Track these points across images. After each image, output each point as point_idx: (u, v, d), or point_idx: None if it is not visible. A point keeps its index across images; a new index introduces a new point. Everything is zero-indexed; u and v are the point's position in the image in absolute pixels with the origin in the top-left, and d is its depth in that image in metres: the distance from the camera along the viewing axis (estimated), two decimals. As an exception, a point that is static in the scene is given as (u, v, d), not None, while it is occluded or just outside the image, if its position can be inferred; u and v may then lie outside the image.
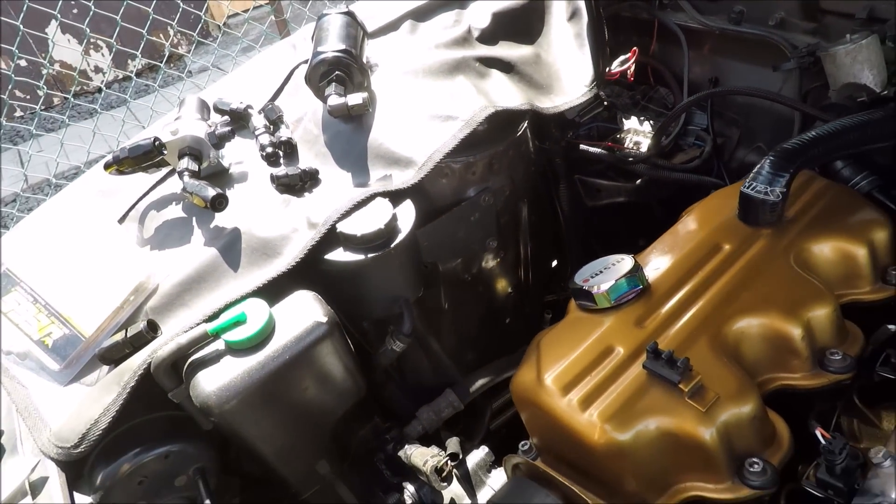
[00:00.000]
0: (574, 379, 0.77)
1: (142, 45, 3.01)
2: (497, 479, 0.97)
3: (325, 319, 0.86)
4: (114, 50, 2.80)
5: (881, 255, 0.88)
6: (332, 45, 1.06)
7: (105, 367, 0.94)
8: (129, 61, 4.59)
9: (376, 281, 0.98)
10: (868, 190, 1.04)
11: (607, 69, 1.52)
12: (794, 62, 1.24)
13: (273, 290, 0.93)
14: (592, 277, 0.88)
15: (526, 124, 1.19)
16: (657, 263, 0.92)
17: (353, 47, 1.08)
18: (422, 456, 0.91)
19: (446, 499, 0.96)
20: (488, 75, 1.23)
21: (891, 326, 0.79)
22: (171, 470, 0.88)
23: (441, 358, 1.20)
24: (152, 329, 0.92)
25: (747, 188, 0.90)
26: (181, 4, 3.03)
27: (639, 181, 1.45)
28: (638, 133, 1.55)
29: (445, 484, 0.88)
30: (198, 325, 0.86)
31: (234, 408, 0.82)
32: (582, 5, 1.44)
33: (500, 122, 1.14)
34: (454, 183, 1.11)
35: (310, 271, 0.97)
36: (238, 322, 0.84)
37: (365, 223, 0.93)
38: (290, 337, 0.84)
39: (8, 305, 0.97)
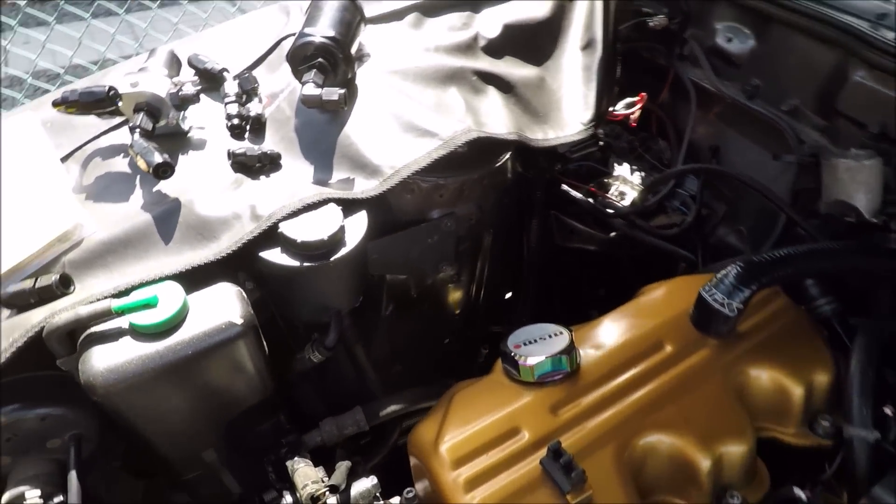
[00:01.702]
0: (469, 454, 0.75)
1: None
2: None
3: (239, 322, 0.82)
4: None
5: (817, 399, 0.86)
6: (322, 29, 0.99)
7: (7, 311, 0.89)
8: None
9: (309, 290, 0.94)
10: (828, 315, 1.01)
11: (611, 109, 1.47)
12: (795, 157, 1.21)
13: (201, 272, 0.89)
14: (524, 345, 0.85)
15: (508, 155, 1.14)
16: (596, 343, 0.89)
17: (343, 35, 1.01)
18: (304, 477, 0.88)
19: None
20: (483, 92, 1.17)
21: (798, 492, 0.76)
22: (45, 432, 0.84)
23: (366, 370, 1.17)
24: (64, 284, 0.87)
25: (706, 292, 0.87)
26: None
27: (613, 234, 1.42)
28: (626, 182, 1.51)
29: None
30: (103, 298, 0.81)
31: (120, 392, 0.78)
32: (599, 37, 1.38)
33: (481, 148, 1.08)
34: (419, 201, 1.06)
35: (246, 258, 0.92)
36: (148, 305, 0.80)
37: (309, 229, 0.88)
38: (198, 332, 0.80)
39: (-83, 224, 0.91)
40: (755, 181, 1.20)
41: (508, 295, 1.48)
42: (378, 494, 0.97)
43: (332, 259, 0.88)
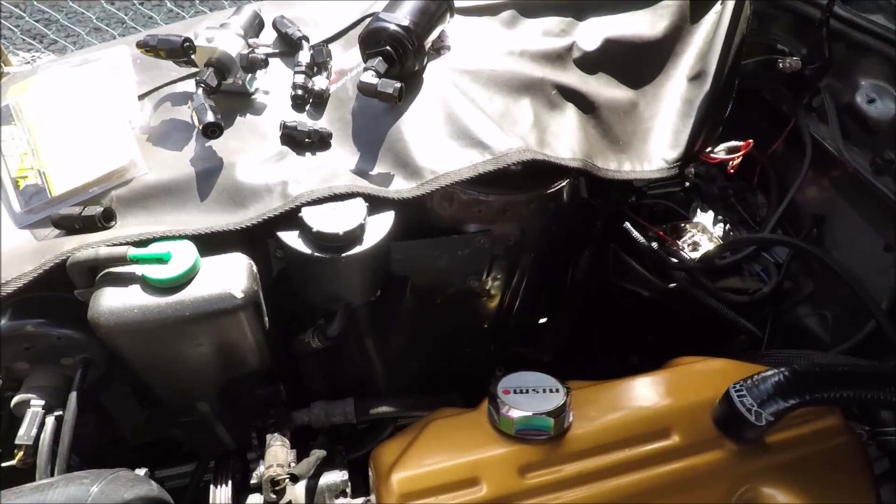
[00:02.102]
0: (420, 492, 0.71)
1: None
2: (337, 508, 0.94)
3: (239, 296, 0.83)
4: None
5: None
6: (398, 17, 0.96)
7: (56, 231, 0.96)
8: None
9: (319, 278, 0.94)
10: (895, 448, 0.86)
11: (709, 150, 1.32)
12: (911, 252, 1.03)
13: (228, 235, 0.90)
14: (514, 393, 0.79)
15: (565, 182, 1.06)
16: (596, 410, 0.81)
17: (420, 25, 0.97)
18: (272, 458, 0.89)
19: (285, 499, 0.94)
20: (559, 109, 1.09)
21: None
22: (60, 350, 0.90)
23: (374, 362, 1.16)
24: (106, 218, 0.93)
25: (735, 392, 0.76)
26: None
27: (673, 285, 1.29)
28: (705, 232, 1.37)
29: (274, 496, 0.86)
30: (124, 244, 0.85)
31: (119, 335, 0.82)
32: (713, 69, 1.23)
33: (537, 169, 1.01)
34: (455, 211, 1.02)
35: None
36: (160, 259, 0.82)
37: (329, 219, 0.87)
38: (198, 296, 0.82)
39: (5, 135, 1.00)
40: (849, 272, 1.03)
41: (543, 320, 1.40)
42: (347, 490, 0.97)
43: (343, 255, 0.87)
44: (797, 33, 1.35)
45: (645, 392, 0.84)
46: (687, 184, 1.39)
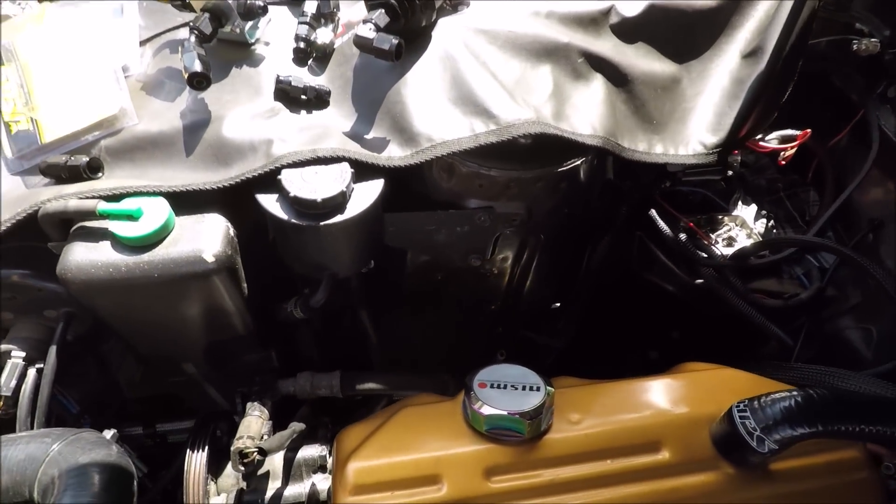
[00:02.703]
0: (376, 485, 0.66)
1: None
2: (309, 483, 0.90)
3: (210, 260, 0.78)
4: None
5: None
6: (405, -34, 0.87)
7: (45, 179, 0.93)
8: None
9: (299, 246, 0.88)
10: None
11: (759, 138, 1.17)
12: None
13: (205, 195, 0.85)
14: (491, 387, 0.72)
15: (580, 160, 0.95)
16: (581, 413, 0.73)
17: (429, -23, 0.88)
18: (244, 428, 0.86)
19: (263, 469, 0.92)
20: (584, 79, 0.98)
21: None
22: (42, 302, 0.89)
23: (369, 335, 1.11)
24: (91, 169, 0.89)
25: (738, 412, 0.66)
26: None
27: (700, 282, 1.18)
28: (743, 227, 1.24)
29: (242, 469, 0.83)
30: (94, 198, 0.81)
31: (86, 291, 0.79)
32: (770, 46, 1.07)
33: (551, 144, 0.91)
34: (455, 184, 0.93)
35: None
36: (130, 216, 0.79)
37: (310, 184, 0.80)
38: (168, 257, 0.78)
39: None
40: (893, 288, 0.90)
41: (556, 305, 1.31)
42: (327, 465, 0.93)
43: (322, 223, 0.80)
44: (880, 12, 1.18)
45: (640, 398, 0.75)
46: (730, 172, 1.25)
